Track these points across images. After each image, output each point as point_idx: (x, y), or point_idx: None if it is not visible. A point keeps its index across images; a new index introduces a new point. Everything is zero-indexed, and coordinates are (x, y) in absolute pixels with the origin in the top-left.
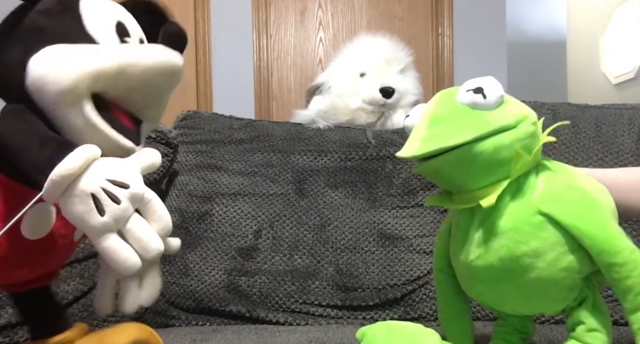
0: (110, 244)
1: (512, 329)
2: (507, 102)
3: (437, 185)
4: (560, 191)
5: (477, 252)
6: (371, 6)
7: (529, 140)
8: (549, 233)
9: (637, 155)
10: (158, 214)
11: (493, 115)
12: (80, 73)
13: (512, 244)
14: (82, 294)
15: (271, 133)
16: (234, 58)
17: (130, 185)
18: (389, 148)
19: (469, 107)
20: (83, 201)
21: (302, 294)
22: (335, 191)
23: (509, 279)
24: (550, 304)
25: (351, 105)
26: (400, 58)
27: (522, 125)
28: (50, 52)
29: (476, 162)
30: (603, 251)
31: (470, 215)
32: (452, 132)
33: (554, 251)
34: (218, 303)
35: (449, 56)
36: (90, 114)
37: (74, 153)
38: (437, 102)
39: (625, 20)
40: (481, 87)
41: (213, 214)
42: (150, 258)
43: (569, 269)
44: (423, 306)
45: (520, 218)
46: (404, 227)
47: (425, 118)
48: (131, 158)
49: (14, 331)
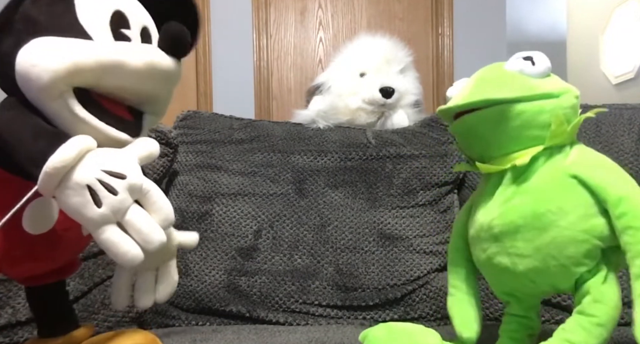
0: (109, 236)
1: (518, 325)
2: (552, 76)
3: (466, 152)
4: (592, 158)
5: (499, 210)
6: (371, 6)
7: (570, 111)
8: (576, 194)
9: (637, 155)
10: (158, 204)
11: (539, 82)
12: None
13: (537, 202)
14: (82, 294)
15: (271, 133)
16: (234, 58)
17: (127, 176)
18: (389, 148)
19: (517, 72)
20: (78, 193)
21: (302, 294)
22: (335, 191)
23: (529, 237)
24: (565, 272)
25: (351, 105)
26: (400, 58)
27: (565, 96)
28: (36, 45)
29: (516, 121)
30: (625, 213)
31: (499, 178)
32: (499, 89)
33: (578, 211)
34: (218, 303)
35: (449, 56)
36: (74, 107)
37: (67, 145)
38: (485, 69)
39: (625, 20)
40: (531, 56)
41: (213, 214)
42: (152, 250)
43: (589, 231)
44: (423, 306)
45: (550, 178)
46: (404, 227)
47: (471, 80)
48: (128, 148)
49: (14, 331)
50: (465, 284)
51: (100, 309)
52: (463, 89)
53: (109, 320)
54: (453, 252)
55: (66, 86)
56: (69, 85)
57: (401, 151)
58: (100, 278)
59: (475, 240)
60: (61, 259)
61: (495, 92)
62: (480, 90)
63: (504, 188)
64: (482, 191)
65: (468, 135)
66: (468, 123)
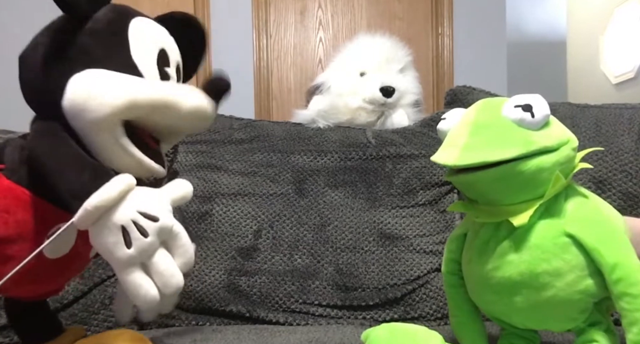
0: (133, 278)
1: (517, 337)
2: (551, 123)
3: (465, 195)
4: (588, 216)
5: (496, 263)
6: (371, 6)
7: (567, 165)
8: (572, 255)
9: (637, 155)
10: (183, 248)
11: (538, 135)
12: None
13: (534, 260)
14: (82, 295)
15: (271, 133)
16: (234, 58)
17: (160, 218)
18: (389, 148)
19: (515, 123)
20: (113, 232)
21: (302, 294)
22: (335, 191)
23: (525, 294)
24: (560, 323)
25: (351, 105)
26: (400, 57)
27: (564, 149)
28: (92, 76)
29: (515, 180)
30: (620, 279)
31: (495, 226)
32: (497, 146)
33: (574, 273)
34: (218, 303)
35: (449, 56)
36: (123, 141)
37: (110, 184)
38: (480, 110)
39: (625, 20)
40: (530, 104)
41: (213, 214)
42: (169, 294)
43: (585, 292)
44: (423, 306)
45: (546, 236)
46: (404, 227)
47: (466, 125)
48: (164, 189)
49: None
50: (466, 303)
51: (100, 309)
52: (456, 134)
53: (109, 320)
54: (449, 276)
55: (119, 120)
56: (123, 118)
57: (401, 151)
58: (100, 278)
59: (472, 283)
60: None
61: (494, 151)
62: (477, 145)
63: (500, 239)
64: (476, 232)
65: (465, 188)
66: (465, 181)
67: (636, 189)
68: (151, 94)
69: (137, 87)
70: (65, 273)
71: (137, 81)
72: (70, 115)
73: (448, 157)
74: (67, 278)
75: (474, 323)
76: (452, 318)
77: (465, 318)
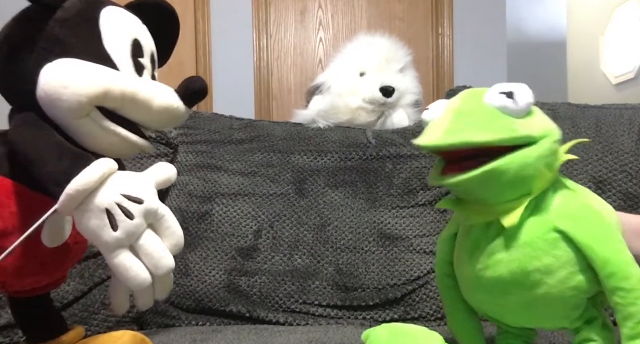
0: (121, 260)
1: (513, 336)
2: (534, 112)
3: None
4: (577, 211)
5: (486, 262)
6: (371, 6)
7: (551, 158)
8: (562, 251)
9: (637, 155)
10: (171, 230)
11: (520, 123)
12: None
13: (524, 258)
14: (82, 294)
15: (271, 133)
16: (234, 58)
17: (144, 200)
18: (389, 148)
19: (498, 109)
20: (97, 216)
21: (302, 294)
22: (335, 191)
23: (517, 292)
24: (553, 321)
25: (351, 105)
26: (399, 57)
27: (546, 141)
28: (64, 65)
29: (500, 180)
30: (613, 274)
31: (485, 225)
32: (478, 129)
33: (565, 269)
34: (218, 303)
35: (449, 56)
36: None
37: (90, 168)
38: (463, 99)
39: (625, 20)
40: (513, 91)
41: (213, 214)
42: (160, 275)
43: (577, 288)
44: (423, 306)
45: (535, 233)
46: (404, 227)
47: (449, 112)
48: (147, 172)
49: (14, 331)
50: (462, 303)
51: (100, 309)
52: (439, 121)
53: (109, 320)
54: (444, 277)
55: (92, 106)
56: (96, 104)
57: (401, 151)
58: (100, 278)
59: (464, 283)
60: (66, 270)
61: (474, 133)
62: (458, 129)
63: (490, 238)
64: (466, 231)
65: (455, 190)
66: (450, 184)
67: (636, 189)
68: (124, 87)
69: (111, 78)
70: (67, 260)
71: (111, 72)
72: (45, 105)
73: (429, 138)
74: (68, 265)
75: (471, 322)
76: (450, 317)
77: (461, 318)
